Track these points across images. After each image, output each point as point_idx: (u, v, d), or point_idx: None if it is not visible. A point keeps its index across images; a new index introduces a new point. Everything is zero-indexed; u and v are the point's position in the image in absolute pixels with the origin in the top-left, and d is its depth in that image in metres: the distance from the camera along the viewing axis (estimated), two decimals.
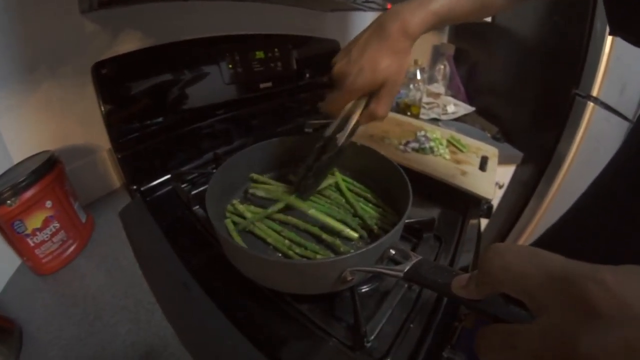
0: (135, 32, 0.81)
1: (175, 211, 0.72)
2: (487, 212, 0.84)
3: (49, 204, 0.62)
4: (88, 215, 0.74)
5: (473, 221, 0.78)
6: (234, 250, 0.53)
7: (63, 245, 0.65)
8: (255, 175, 0.74)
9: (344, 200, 0.70)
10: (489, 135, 1.39)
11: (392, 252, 0.49)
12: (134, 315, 0.54)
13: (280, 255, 0.58)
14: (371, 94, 0.51)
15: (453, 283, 0.32)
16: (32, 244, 0.61)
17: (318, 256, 0.56)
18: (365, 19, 1.50)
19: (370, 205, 0.69)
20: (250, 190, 0.71)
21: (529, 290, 0.24)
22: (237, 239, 0.59)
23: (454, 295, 0.32)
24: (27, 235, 0.60)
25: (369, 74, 0.47)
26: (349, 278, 0.47)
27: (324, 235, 0.60)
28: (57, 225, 0.64)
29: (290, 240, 0.59)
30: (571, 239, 0.67)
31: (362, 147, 0.74)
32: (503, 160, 1.02)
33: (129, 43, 0.80)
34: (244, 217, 0.64)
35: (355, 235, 0.61)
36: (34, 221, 0.60)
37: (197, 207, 0.69)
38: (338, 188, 0.72)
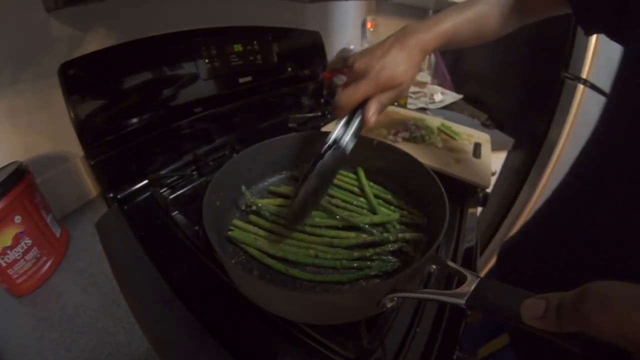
0: (105, 30, 0.77)
1: (154, 219, 0.68)
2: (483, 201, 0.82)
3: (18, 219, 0.59)
4: (62, 229, 0.70)
5: (471, 210, 0.75)
6: (251, 283, 0.44)
7: (37, 262, 0.62)
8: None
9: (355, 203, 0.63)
10: (478, 122, 1.38)
11: (433, 267, 0.44)
12: (112, 337, 0.52)
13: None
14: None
15: (524, 312, 0.28)
16: (3, 264, 0.57)
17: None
18: (347, 9, 1.47)
19: (391, 207, 0.63)
20: (231, 233, 0.57)
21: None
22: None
23: (525, 325, 0.28)
24: None
25: (391, 71, 0.50)
26: (389, 305, 0.41)
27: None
28: (29, 241, 0.61)
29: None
30: (563, 219, 0.64)
31: (379, 144, 0.67)
32: (494, 147, 1.00)
33: (98, 42, 0.76)
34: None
35: (397, 215, 0.58)
36: (4, 239, 0.57)
37: (177, 212, 0.65)
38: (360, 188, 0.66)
